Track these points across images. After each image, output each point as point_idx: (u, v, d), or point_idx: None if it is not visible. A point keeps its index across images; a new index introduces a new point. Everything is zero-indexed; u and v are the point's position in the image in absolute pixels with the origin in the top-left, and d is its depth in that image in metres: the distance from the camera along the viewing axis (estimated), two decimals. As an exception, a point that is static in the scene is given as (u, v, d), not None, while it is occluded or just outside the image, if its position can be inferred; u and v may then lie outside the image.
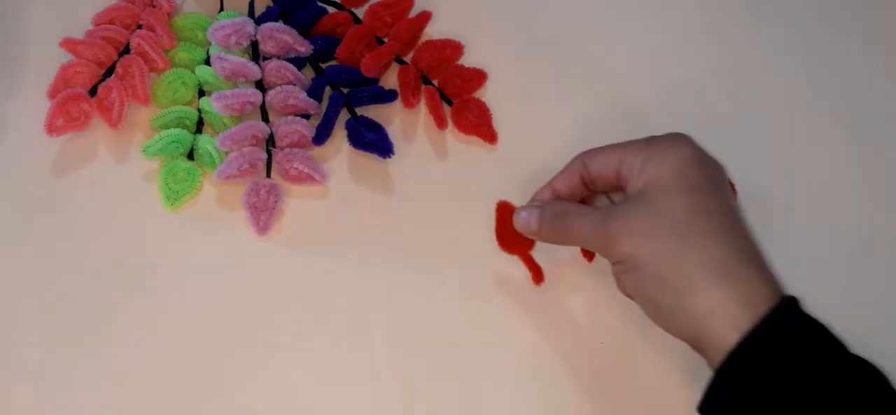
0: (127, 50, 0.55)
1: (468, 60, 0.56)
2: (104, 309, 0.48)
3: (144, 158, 0.52)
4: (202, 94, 0.54)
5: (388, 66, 0.56)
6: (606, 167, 0.46)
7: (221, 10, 0.57)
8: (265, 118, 0.53)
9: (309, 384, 0.47)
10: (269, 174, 0.52)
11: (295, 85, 0.53)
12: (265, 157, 0.52)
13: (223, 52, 0.53)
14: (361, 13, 0.57)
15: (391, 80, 0.56)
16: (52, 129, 0.51)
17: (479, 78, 0.56)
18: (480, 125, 0.54)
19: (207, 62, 0.54)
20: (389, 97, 0.55)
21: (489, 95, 0.56)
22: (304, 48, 0.54)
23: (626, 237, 0.43)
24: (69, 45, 0.53)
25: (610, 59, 0.58)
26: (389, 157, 0.52)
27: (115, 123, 0.52)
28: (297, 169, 0.51)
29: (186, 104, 0.54)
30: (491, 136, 0.54)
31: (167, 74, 0.54)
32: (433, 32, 0.57)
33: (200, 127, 0.53)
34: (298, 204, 0.52)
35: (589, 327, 0.49)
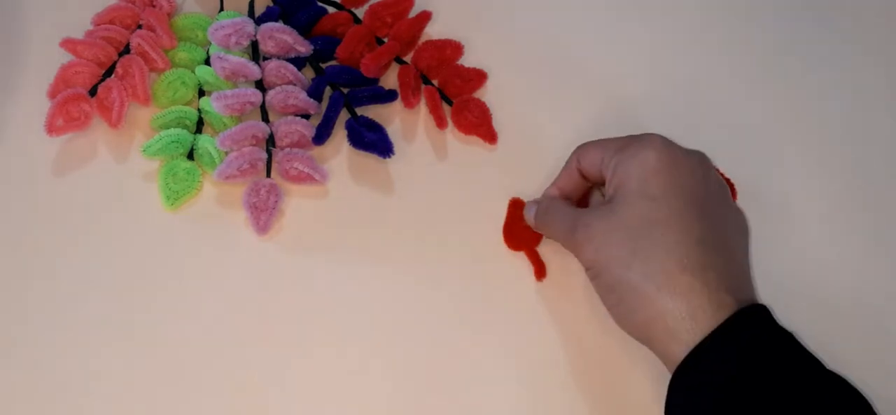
0: (127, 50, 0.55)
1: (468, 60, 0.56)
2: (104, 309, 0.48)
3: (144, 158, 0.52)
4: (202, 94, 0.54)
5: (388, 66, 0.56)
6: (592, 165, 0.47)
7: (221, 10, 0.57)
8: (265, 118, 0.53)
9: (309, 384, 0.47)
10: (269, 174, 0.52)
11: (295, 85, 0.53)
12: (265, 157, 0.52)
13: (223, 52, 0.53)
14: (361, 13, 0.57)
15: (391, 80, 0.56)
16: (52, 129, 0.51)
17: (479, 78, 0.56)
18: (480, 125, 0.54)
19: (207, 62, 0.54)
20: (389, 97, 0.55)
21: (489, 95, 0.56)
22: (304, 48, 0.54)
23: (587, 245, 0.44)
24: (69, 45, 0.53)
25: (610, 58, 0.58)
26: (389, 157, 0.52)
27: (115, 123, 0.52)
28: (297, 169, 0.51)
29: (186, 104, 0.54)
30: (491, 136, 0.54)
31: (167, 74, 0.54)
32: (433, 32, 0.57)
33: (200, 127, 0.53)
34: (298, 204, 0.52)
35: (589, 326, 0.49)
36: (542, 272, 0.50)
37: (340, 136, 0.53)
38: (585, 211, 0.46)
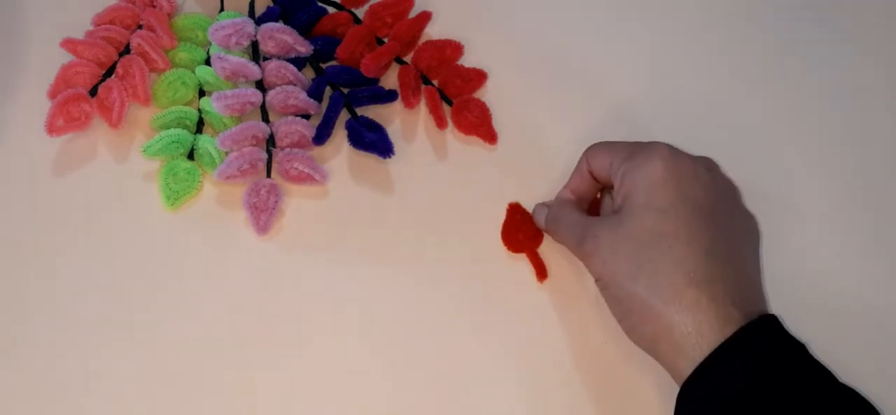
0: (127, 50, 0.55)
1: (468, 60, 0.56)
2: (104, 309, 0.48)
3: (144, 158, 0.52)
4: (202, 94, 0.54)
5: (388, 66, 0.56)
6: (602, 168, 0.47)
7: (222, 10, 0.57)
8: (265, 118, 0.53)
9: (309, 384, 0.47)
10: (269, 174, 0.52)
11: (295, 85, 0.53)
12: (265, 157, 0.52)
13: (223, 52, 0.53)
14: (361, 13, 0.57)
15: (391, 80, 0.56)
16: (52, 129, 0.51)
17: (479, 78, 0.56)
18: (480, 125, 0.54)
19: (208, 62, 0.54)
20: (389, 97, 0.55)
21: (489, 95, 0.56)
22: (304, 48, 0.54)
23: (596, 257, 0.44)
24: (69, 45, 0.53)
25: (610, 59, 0.58)
26: (389, 157, 0.52)
27: (115, 124, 0.52)
28: (297, 169, 0.51)
29: (187, 104, 0.54)
30: (491, 136, 0.54)
31: (167, 74, 0.54)
32: (433, 32, 0.57)
33: (201, 127, 0.53)
34: (298, 204, 0.52)
35: (590, 327, 0.49)
36: (543, 274, 0.50)
37: (340, 136, 0.53)
38: (594, 221, 0.46)
